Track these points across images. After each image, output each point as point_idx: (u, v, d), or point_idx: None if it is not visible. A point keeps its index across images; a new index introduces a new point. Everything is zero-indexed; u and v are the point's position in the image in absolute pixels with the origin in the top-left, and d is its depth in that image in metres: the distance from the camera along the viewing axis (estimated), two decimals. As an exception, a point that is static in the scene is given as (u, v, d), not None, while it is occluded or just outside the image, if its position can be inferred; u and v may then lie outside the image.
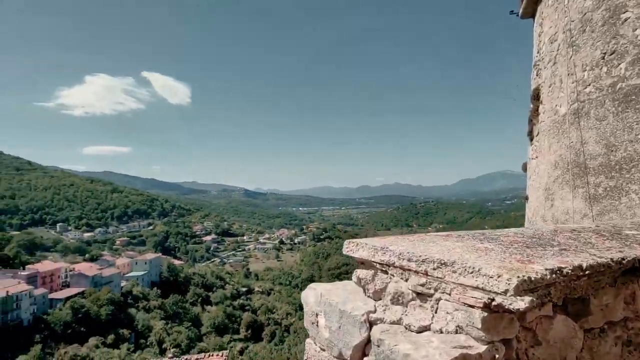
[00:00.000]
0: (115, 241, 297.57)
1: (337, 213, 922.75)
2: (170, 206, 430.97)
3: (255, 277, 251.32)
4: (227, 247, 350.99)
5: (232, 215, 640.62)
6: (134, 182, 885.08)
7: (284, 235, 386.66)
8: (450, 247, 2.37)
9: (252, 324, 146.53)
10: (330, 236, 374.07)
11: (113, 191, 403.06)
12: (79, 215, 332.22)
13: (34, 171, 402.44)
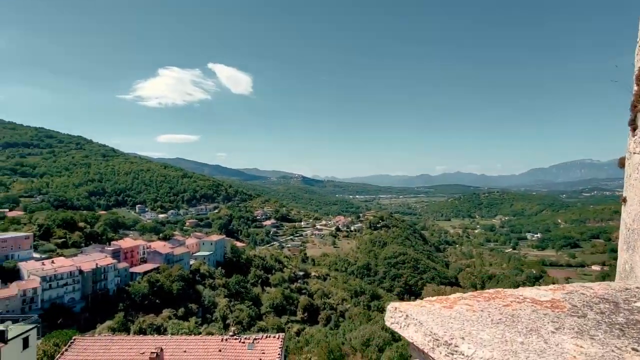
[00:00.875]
0: (185, 222, 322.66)
1: (395, 202, 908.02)
2: (234, 191, 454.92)
3: (312, 262, 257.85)
4: (286, 231, 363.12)
5: (290, 201, 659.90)
6: (202, 169, 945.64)
7: (340, 222, 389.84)
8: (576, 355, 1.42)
9: (309, 307, 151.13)
10: (387, 225, 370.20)
11: (183, 176, 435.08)
12: (154, 198, 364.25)
13: (117, 158, 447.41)
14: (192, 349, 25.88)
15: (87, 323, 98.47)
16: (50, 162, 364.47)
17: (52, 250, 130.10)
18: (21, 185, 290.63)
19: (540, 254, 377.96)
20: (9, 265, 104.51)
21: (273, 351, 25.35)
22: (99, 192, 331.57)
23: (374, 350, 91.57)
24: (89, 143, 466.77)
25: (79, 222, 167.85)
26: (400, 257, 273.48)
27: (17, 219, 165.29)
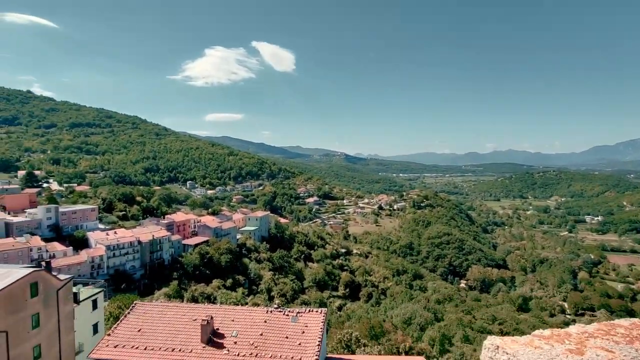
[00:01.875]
0: (232, 198, 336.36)
1: (440, 181, 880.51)
2: (277, 169, 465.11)
3: (354, 239, 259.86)
4: (328, 209, 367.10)
5: (333, 179, 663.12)
6: (247, 146, 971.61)
7: (383, 200, 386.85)
8: None
9: (350, 283, 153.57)
10: (432, 204, 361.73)
11: (230, 154, 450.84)
12: (203, 175, 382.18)
13: (169, 136, 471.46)
14: (240, 319, 27.37)
15: (146, 289, 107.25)
16: (110, 141, 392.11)
17: (114, 222, 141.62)
18: (86, 162, 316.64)
19: (600, 238, 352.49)
20: (79, 234, 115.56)
21: (315, 325, 26.15)
22: (153, 168, 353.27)
23: (416, 329, 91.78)
24: (144, 122, 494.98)
25: (137, 196, 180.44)
26: (444, 237, 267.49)
27: (84, 193, 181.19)
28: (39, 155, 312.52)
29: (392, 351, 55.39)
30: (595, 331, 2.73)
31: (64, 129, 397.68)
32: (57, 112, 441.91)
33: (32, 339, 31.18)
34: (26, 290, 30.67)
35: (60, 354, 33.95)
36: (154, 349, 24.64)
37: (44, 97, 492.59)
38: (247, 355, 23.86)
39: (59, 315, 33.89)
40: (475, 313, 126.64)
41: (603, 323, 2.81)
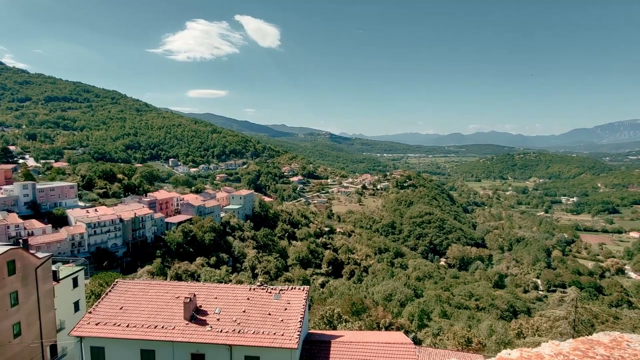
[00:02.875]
0: (216, 177, 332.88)
1: (424, 161, 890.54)
2: (262, 147, 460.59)
3: (338, 218, 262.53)
4: (312, 188, 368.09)
5: (317, 158, 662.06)
6: (230, 124, 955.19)
7: (367, 180, 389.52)
8: None
9: (333, 261, 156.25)
10: (415, 184, 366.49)
11: (213, 132, 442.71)
12: (186, 152, 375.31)
13: (150, 112, 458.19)
14: (223, 296, 27.63)
15: (128, 267, 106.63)
16: (89, 116, 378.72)
17: (95, 199, 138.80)
18: (64, 138, 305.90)
19: (574, 219, 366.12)
20: (58, 212, 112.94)
21: (298, 302, 26.67)
22: (134, 145, 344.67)
23: (396, 305, 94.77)
24: (124, 98, 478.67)
25: (118, 174, 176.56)
26: (426, 217, 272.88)
27: (62, 170, 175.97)
28: (13, 130, 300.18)
29: (373, 326, 57.23)
30: (572, 351, 2.29)
31: (39, 103, 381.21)
32: (31, 84, 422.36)
33: (11, 317, 30.84)
34: (3, 268, 30.09)
35: (41, 332, 33.77)
36: (136, 326, 24.73)
37: (17, 69, 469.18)
38: (230, 331, 24.22)
39: (38, 293, 33.50)
40: (453, 290, 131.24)
41: (580, 340, 2.34)
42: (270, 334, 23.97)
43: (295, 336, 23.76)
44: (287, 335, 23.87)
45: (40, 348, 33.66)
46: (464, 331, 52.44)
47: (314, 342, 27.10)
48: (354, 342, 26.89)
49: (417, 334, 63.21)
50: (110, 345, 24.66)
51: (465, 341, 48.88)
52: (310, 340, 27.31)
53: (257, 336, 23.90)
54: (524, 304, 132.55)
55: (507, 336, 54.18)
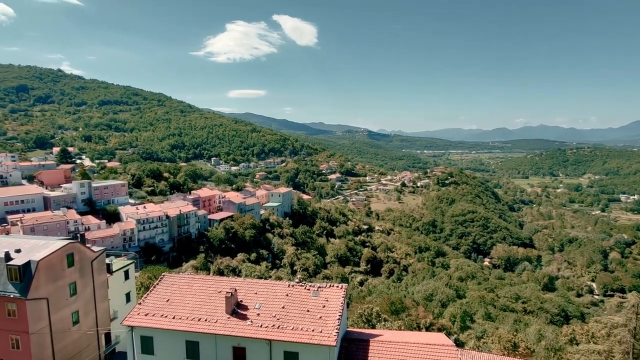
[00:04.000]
0: (255, 175, 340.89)
1: (466, 157, 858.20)
2: (300, 145, 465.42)
3: (376, 216, 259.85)
4: (350, 186, 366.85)
5: (355, 155, 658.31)
6: (269, 123, 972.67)
7: (406, 177, 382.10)
8: None
9: (372, 259, 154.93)
10: (457, 181, 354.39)
11: (252, 131, 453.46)
12: (227, 151, 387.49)
13: (194, 113, 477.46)
14: (262, 292, 28.18)
15: (174, 261, 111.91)
16: (138, 118, 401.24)
17: (143, 197, 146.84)
18: (116, 139, 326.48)
19: (635, 218, 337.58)
20: (111, 208, 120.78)
21: (336, 300, 26.61)
22: (179, 145, 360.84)
23: (437, 306, 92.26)
24: (169, 100, 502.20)
25: (164, 172, 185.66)
26: (468, 215, 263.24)
27: (114, 169, 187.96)
28: (71, 132, 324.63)
29: (413, 326, 56.06)
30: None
31: (94, 106, 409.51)
32: (86, 90, 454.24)
33: (70, 305, 33.32)
34: (63, 261, 32.53)
35: (97, 320, 36.23)
36: (181, 318, 25.82)
37: (73, 76, 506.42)
38: (269, 326, 24.64)
39: (94, 284, 35.94)
40: (498, 291, 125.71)
41: None
42: (309, 331, 24.11)
43: (334, 333, 23.73)
44: (325, 333, 23.89)
45: (96, 335, 36.14)
46: (510, 335, 50.00)
47: (353, 340, 26.94)
48: (393, 341, 26.43)
49: (459, 336, 61.18)
50: (158, 335, 25.94)
51: (512, 346, 46.59)
52: (348, 338, 27.18)
53: (296, 332, 24.13)
54: (577, 309, 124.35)
55: (558, 342, 51.01)
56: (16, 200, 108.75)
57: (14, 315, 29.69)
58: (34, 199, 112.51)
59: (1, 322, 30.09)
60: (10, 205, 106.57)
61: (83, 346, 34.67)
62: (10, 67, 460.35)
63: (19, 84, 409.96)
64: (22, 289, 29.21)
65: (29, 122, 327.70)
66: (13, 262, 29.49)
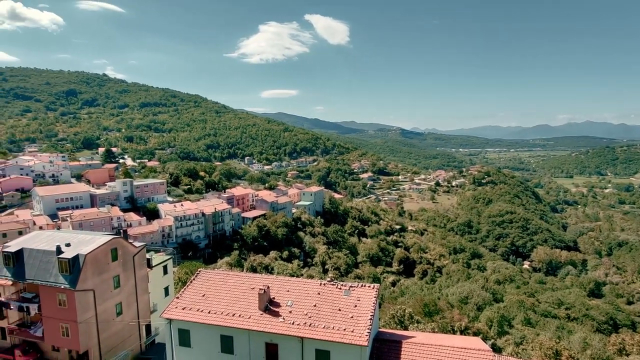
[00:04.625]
0: (287, 174, 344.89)
1: (505, 156, 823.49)
2: (332, 144, 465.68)
3: (409, 216, 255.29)
4: (383, 185, 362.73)
5: (388, 154, 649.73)
6: (301, 122, 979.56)
7: (440, 176, 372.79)
8: None
9: (404, 260, 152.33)
10: (494, 181, 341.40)
11: (285, 130, 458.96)
12: (260, 150, 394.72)
13: (228, 114, 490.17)
14: (294, 290, 28.43)
15: (209, 257, 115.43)
16: (175, 119, 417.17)
17: (181, 195, 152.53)
18: (155, 139, 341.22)
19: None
20: (151, 206, 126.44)
21: (368, 300, 26.39)
22: (214, 145, 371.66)
23: (472, 309, 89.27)
24: (205, 101, 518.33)
25: (200, 171, 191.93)
26: (507, 216, 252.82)
27: (154, 168, 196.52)
28: (115, 133, 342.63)
29: (447, 329, 54.62)
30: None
31: (135, 108, 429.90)
32: (128, 93, 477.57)
33: (114, 297, 35.17)
34: (108, 255, 34.39)
35: (138, 312, 38.03)
36: (216, 313, 26.56)
37: (117, 80, 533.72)
38: (301, 324, 24.82)
39: (136, 277, 37.71)
40: (539, 296, 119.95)
41: None
42: (341, 330, 24.06)
43: (366, 333, 23.54)
44: (357, 332, 23.75)
45: (137, 327, 37.94)
46: (552, 342, 47.54)
47: (384, 341, 26.61)
48: (426, 344, 25.85)
49: (496, 341, 58.94)
50: (195, 328, 26.83)
51: (554, 353, 44.32)
52: (380, 339, 26.88)
53: (328, 331, 24.15)
54: (627, 317, 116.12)
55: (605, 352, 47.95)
56: (66, 198, 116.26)
57: (64, 305, 31.75)
58: (81, 197, 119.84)
59: (53, 311, 32.27)
60: (61, 202, 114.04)
61: (126, 336, 36.52)
62: (60, 73, 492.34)
63: (69, 89, 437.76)
64: (72, 280, 31.16)
65: (77, 124, 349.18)
66: (63, 255, 31.53)
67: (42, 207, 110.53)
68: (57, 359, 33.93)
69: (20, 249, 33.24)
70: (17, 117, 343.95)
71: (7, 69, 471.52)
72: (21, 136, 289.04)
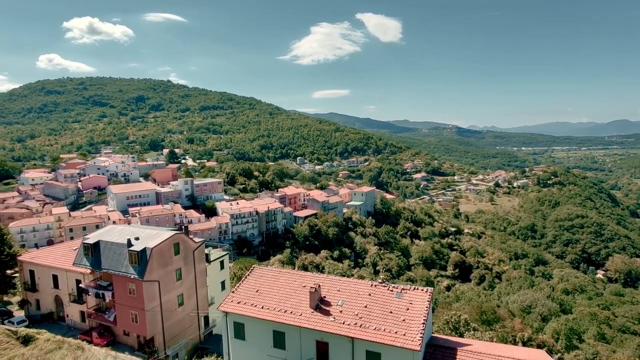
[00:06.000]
0: (338, 174, 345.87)
1: (574, 155, 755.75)
2: (383, 144, 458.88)
3: (466, 218, 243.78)
4: (437, 185, 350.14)
5: (442, 153, 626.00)
6: (352, 122, 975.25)
7: (500, 177, 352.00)
8: None
9: (460, 264, 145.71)
10: (562, 182, 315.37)
11: (336, 130, 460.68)
12: (311, 150, 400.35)
13: (281, 115, 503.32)
14: (345, 289, 28.39)
15: (263, 254, 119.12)
16: (232, 121, 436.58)
17: (236, 194, 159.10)
18: (213, 141, 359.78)
19: None
20: (209, 204, 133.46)
21: (421, 303, 25.58)
22: (267, 145, 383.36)
23: (536, 319, 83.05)
24: (259, 103, 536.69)
25: (254, 171, 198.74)
26: (577, 220, 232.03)
27: (212, 168, 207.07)
28: (177, 135, 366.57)
29: (507, 339, 51.35)
30: None
31: (195, 112, 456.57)
32: (189, 97, 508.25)
33: (177, 289, 37.58)
34: (171, 249, 36.83)
35: (197, 304, 40.28)
36: (269, 309, 27.31)
37: (179, 85, 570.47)
38: (351, 324, 24.71)
39: (195, 271, 39.98)
40: (615, 309, 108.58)
41: None
42: (392, 332, 23.58)
43: (418, 338, 22.85)
44: (409, 336, 23.13)
45: (197, 317, 40.21)
46: (631, 361, 42.75)
47: (438, 347, 25.63)
48: (484, 353, 24.48)
49: (563, 355, 54.32)
50: (249, 322, 27.82)
51: (634, 374, 39.79)
52: (433, 345, 25.94)
53: (379, 333, 23.79)
54: None
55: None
56: (135, 195, 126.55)
57: (133, 294, 34.57)
58: (148, 194, 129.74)
59: (124, 298, 35.26)
60: (131, 199, 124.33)
61: (186, 326, 38.87)
62: (131, 81, 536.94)
63: (138, 95, 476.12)
64: (140, 271, 33.82)
65: (145, 127, 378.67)
66: (133, 248, 34.32)
67: (115, 203, 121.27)
68: (127, 342, 37.00)
69: (97, 241, 36.77)
70: (95, 122, 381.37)
71: (87, 78, 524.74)
72: (98, 139, 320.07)
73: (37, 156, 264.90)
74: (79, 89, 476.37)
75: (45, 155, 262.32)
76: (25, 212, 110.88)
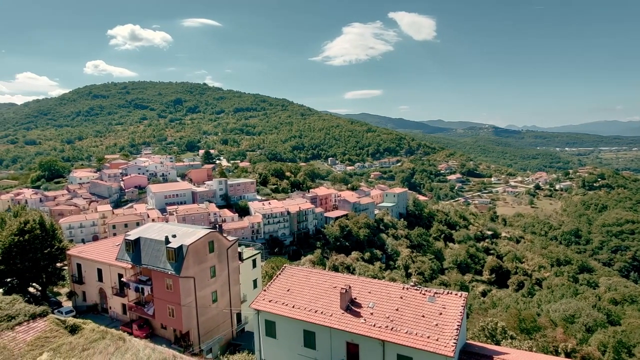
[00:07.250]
0: (370, 175, 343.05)
1: (625, 155, 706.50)
2: (416, 144, 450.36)
3: (503, 221, 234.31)
4: (472, 187, 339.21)
5: (478, 154, 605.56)
6: (385, 122, 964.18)
7: (541, 179, 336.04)
8: None
9: (497, 269, 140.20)
10: (610, 185, 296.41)
11: (368, 131, 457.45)
12: (343, 151, 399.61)
13: (312, 116, 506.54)
14: (376, 291, 28.06)
15: (294, 254, 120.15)
16: (264, 122, 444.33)
17: (268, 194, 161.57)
18: (247, 142, 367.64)
19: None
20: (242, 203, 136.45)
21: (455, 308, 24.82)
22: (299, 146, 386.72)
23: (580, 329, 78.38)
24: (291, 104, 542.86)
25: (286, 172, 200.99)
26: (627, 226, 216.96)
27: (245, 168, 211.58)
28: (212, 136, 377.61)
29: (549, 350, 48.85)
30: None
31: (229, 113, 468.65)
32: (224, 99, 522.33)
33: (211, 286, 38.68)
34: (206, 247, 37.97)
35: (230, 301, 41.26)
36: (300, 308, 27.50)
37: (214, 88, 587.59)
38: (382, 327, 24.39)
39: (229, 269, 40.98)
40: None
41: None
42: (424, 337, 23.05)
43: (452, 343, 22.19)
44: (442, 341, 22.52)
45: (230, 314, 41.20)
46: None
47: (473, 354, 24.78)
48: (523, 363, 23.41)
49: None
50: (280, 321, 28.15)
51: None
52: (468, 352, 25.11)
53: (411, 336, 23.33)
54: None
55: None
56: (173, 194, 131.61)
57: (171, 289, 35.94)
58: (185, 193, 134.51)
59: (162, 293, 36.73)
60: (169, 198, 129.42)
61: (220, 322, 39.92)
62: (169, 85, 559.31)
63: (176, 98, 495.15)
64: (177, 267, 35.12)
65: (182, 129, 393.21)
66: (171, 245, 35.70)
67: (154, 202, 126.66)
68: (164, 335, 38.53)
69: (137, 238, 38.56)
70: (136, 124, 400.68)
71: (129, 83, 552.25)
72: (139, 140, 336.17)
73: (84, 157, 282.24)
74: (121, 92, 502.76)
75: (92, 155, 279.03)
76: (74, 209, 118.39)
